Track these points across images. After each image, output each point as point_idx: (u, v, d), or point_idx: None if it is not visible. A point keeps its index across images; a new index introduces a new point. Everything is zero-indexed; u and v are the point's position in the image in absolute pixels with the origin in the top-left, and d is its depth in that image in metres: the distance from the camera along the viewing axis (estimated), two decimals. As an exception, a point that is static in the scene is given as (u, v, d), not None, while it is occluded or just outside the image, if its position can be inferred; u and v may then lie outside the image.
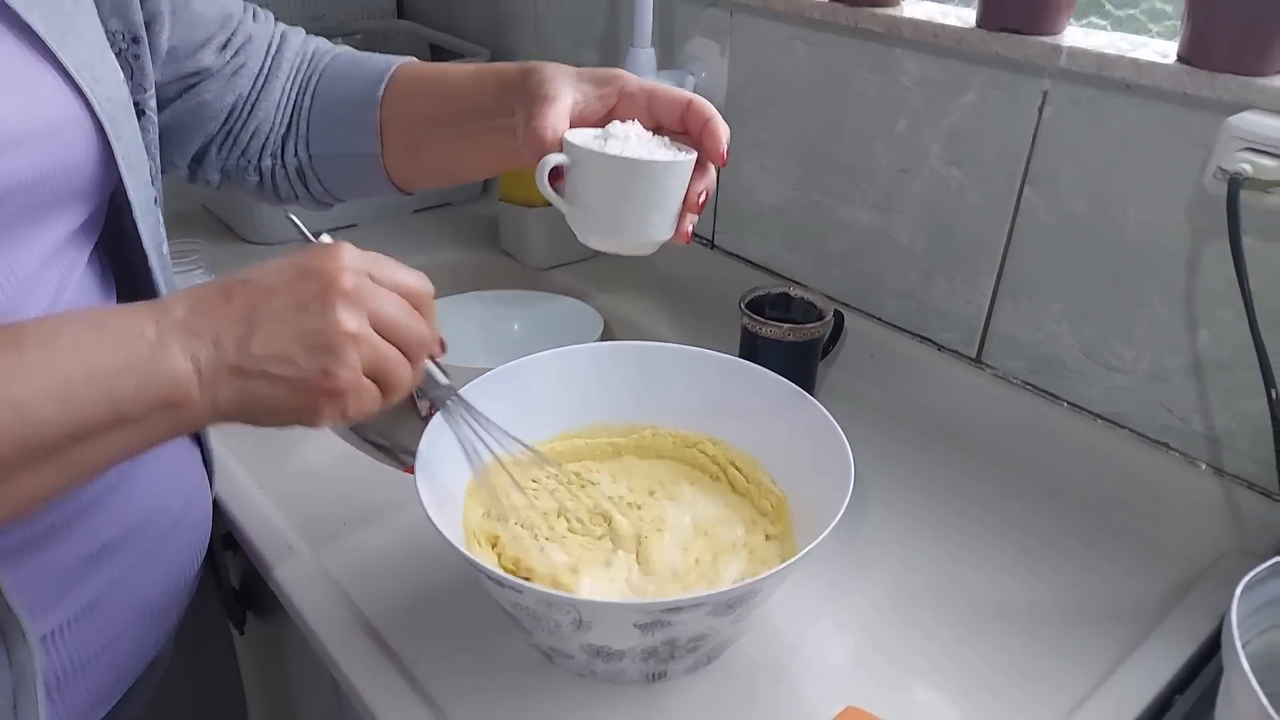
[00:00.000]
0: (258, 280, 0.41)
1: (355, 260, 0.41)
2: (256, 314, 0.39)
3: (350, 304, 0.40)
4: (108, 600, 0.52)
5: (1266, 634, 0.50)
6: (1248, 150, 0.58)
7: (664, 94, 0.53)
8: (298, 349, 0.39)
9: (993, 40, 0.70)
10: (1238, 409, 0.67)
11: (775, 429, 0.64)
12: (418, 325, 0.43)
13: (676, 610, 0.47)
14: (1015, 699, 0.56)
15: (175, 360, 0.38)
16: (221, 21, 0.60)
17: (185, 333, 0.39)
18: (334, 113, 0.63)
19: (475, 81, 0.59)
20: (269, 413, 0.40)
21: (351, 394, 0.40)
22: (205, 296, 0.40)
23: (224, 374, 0.39)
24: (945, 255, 0.81)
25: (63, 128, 0.44)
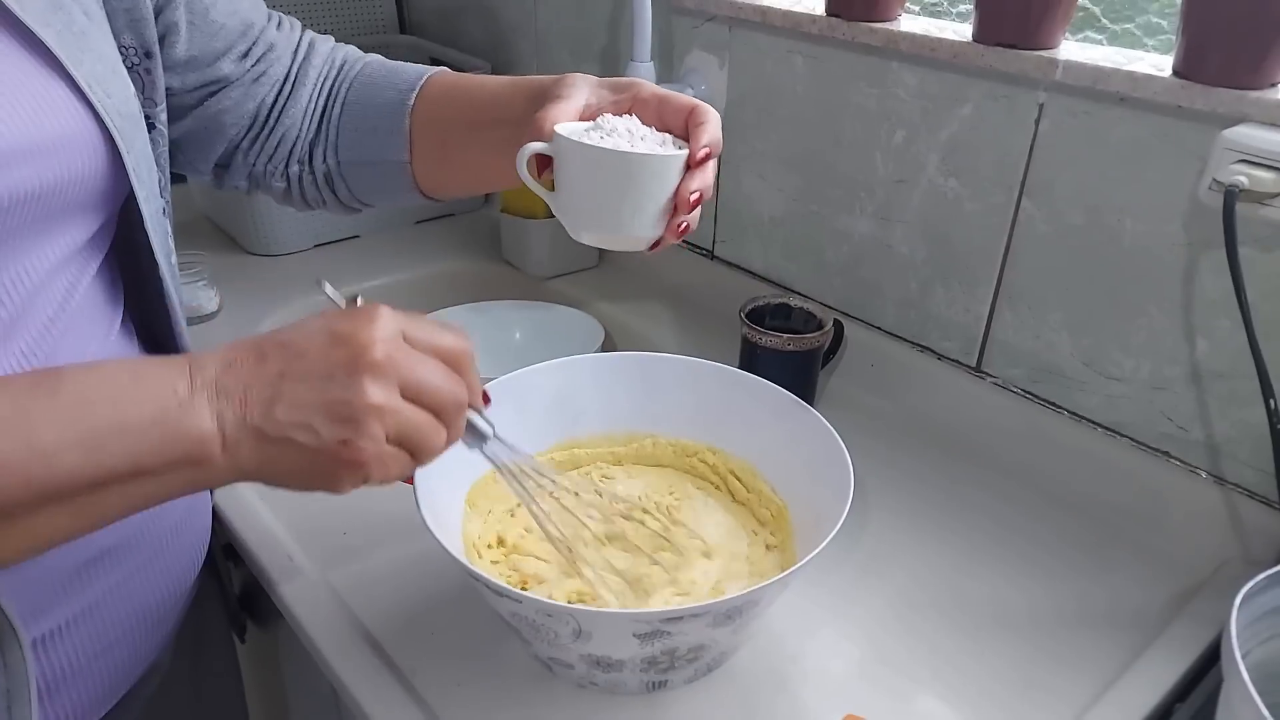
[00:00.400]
0: (292, 344, 0.41)
1: (389, 327, 0.41)
2: (285, 379, 0.40)
3: (378, 375, 0.40)
4: (103, 606, 0.52)
5: (1267, 643, 0.50)
6: (1242, 163, 0.59)
7: (674, 100, 0.53)
8: (320, 418, 0.39)
9: (989, 54, 0.70)
10: (1237, 417, 0.67)
11: (775, 438, 0.64)
12: (452, 387, 0.43)
13: (676, 620, 0.47)
14: (1017, 708, 0.56)
15: (202, 419, 0.39)
16: (242, 31, 0.60)
17: (215, 391, 0.39)
18: (364, 120, 0.63)
19: (509, 91, 0.59)
20: (287, 475, 0.41)
21: (374, 464, 0.40)
22: (238, 355, 0.41)
23: (247, 436, 0.39)
24: (944, 265, 0.81)
25: (73, 141, 0.45)
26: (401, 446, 0.41)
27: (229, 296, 1.00)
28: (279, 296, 1.01)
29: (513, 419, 0.65)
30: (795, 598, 0.63)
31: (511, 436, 0.66)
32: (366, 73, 0.64)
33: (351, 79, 0.64)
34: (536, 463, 0.54)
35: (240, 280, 1.04)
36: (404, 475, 0.43)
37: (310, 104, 0.63)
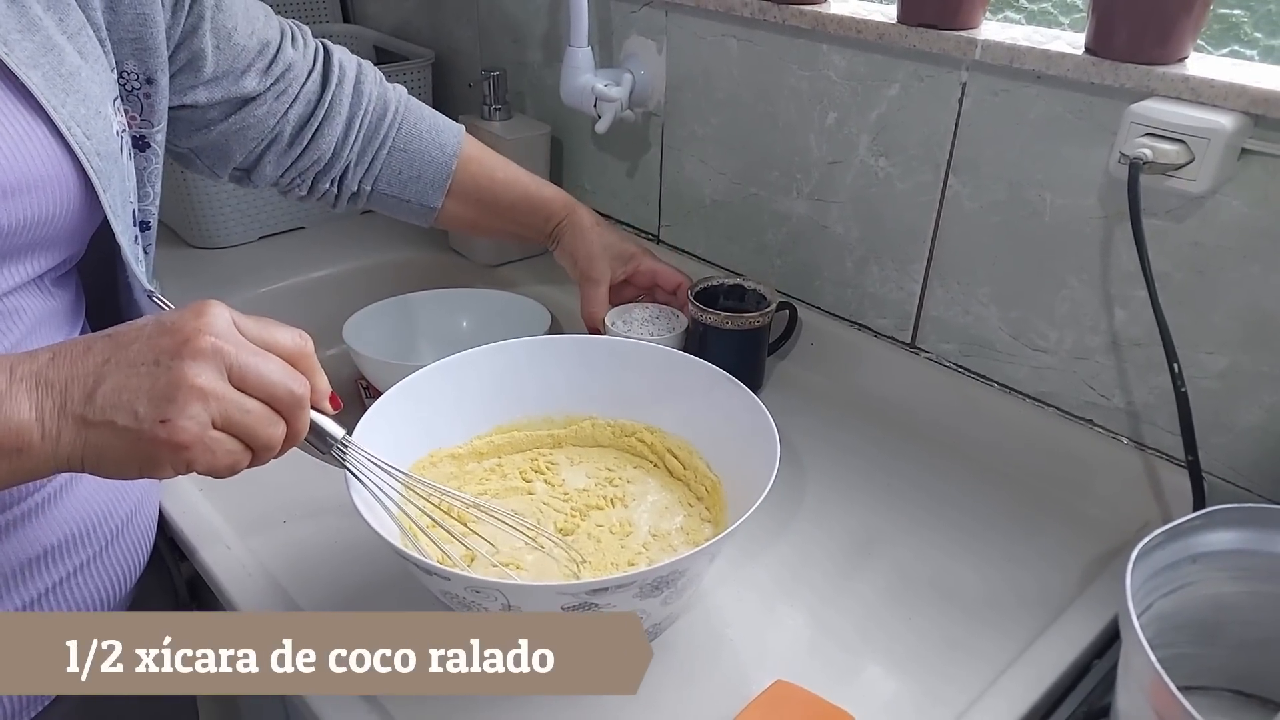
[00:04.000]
0: (118, 334, 0.42)
1: (219, 319, 0.42)
2: (108, 366, 0.41)
3: (203, 359, 0.41)
4: (44, 603, 0.52)
5: (1169, 596, 0.52)
6: (1148, 136, 0.61)
7: (664, 277, 0.85)
8: (141, 400, 0.40)
9: (912, 35, 0.72)
10: (1154, 384, 0.70)
11: (708, 416, 0.65)
12: (289, 381, 0.43)
13: (602, 591, 0.48)
14: (943, 669, 0.58)
15: (20, 409, 0.40)
16: (260, 49, 0.65)
17: (37, 383, 0.40)
18: (410, 167, 0.76)
19: (529, 204, 0.81)
20: (111, 462, 0.41)
21: (197, 446, 0.40)
22: (67, 348, 0.42)
23: (68, 423, 0.40)
24: (878, 243, 0.83)
25: (48, 182, 0.47)
26: (233, 435, 0.42)
27: (171, 291, 0.99)
28: (222, 290, 1.00)
29: (451, 404, 0.66)
30: (732, 570, 0.65)
31: (447, 421, 0.67)
32: (410, 121, 0.76)
33: (399, 124, 0.75)
34: (403, 472, 0.55)
35: (182, 274, 1.03)
36: (239, 466, 0.43)
37: (354, 137, 0.72)
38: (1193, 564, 0.52)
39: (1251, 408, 0.65)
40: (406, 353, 0.96)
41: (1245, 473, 0.66)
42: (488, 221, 0.81)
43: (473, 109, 1.12)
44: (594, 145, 1.08)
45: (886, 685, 0.57)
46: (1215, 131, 0.58)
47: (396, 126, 0.75)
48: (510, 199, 0.80)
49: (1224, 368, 0.65)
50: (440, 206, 0.78)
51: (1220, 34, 0.65)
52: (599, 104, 0.95)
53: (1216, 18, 0.65)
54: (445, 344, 0.96)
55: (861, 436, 0.80)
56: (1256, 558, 0.52)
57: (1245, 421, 0.65)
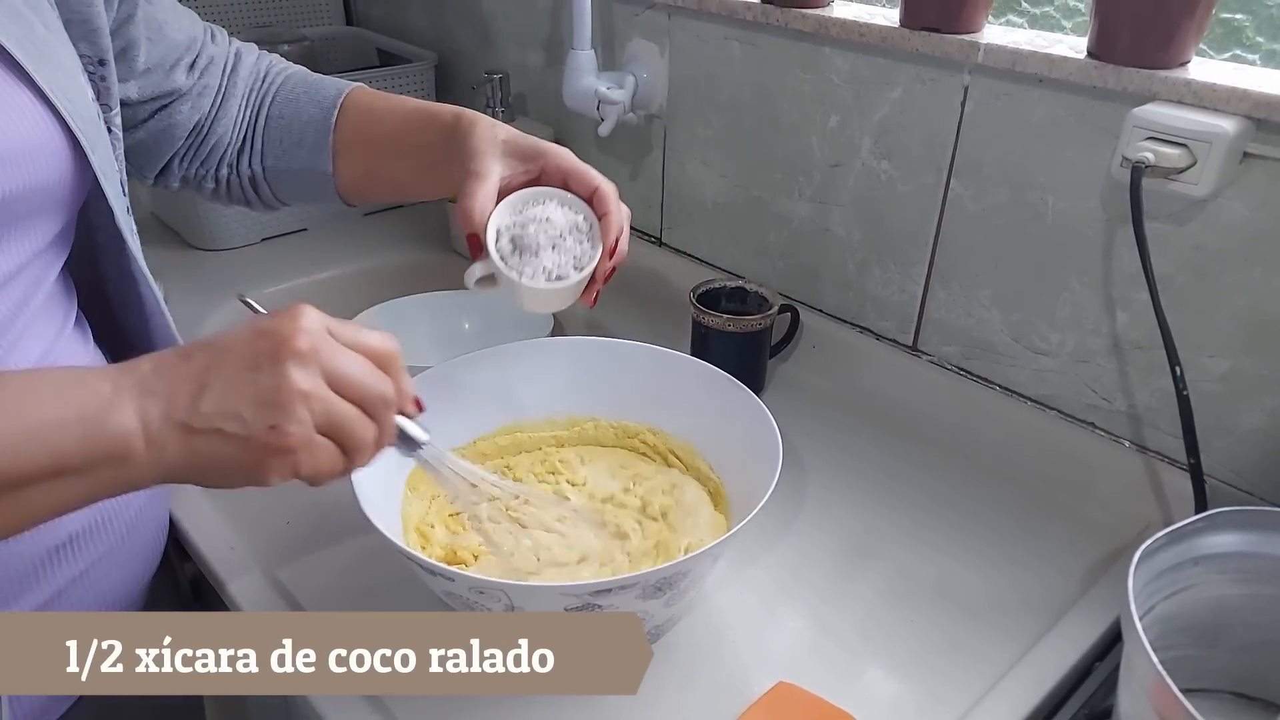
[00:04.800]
0: (216, 343, 0.42)
1: (314, 321, 0.42)
2: (211, 373, 0.40)
3: (303, 362, 0.40)
4: (70, 595, 0.53)
5: (1171, 598, 0.52)
6: (1151, 139, 0.61)
7: (578, 178, 0.60)
8: (247, 406, 0.39)
9: (914, 38, 0.72)
10: (1156, 386, 0.70)
11: (711, 417, 0.65)
12: (379, 383, 0.43)
13: (605, 593, 0.48)
14: (945, 671, 0.58)
15: (125, 416, 0.39)
16: (188, 44, 0.64)
17: (141, 391, 0.40)
18: (289, 133, 0.67)
19: (423, 120, 0.63)
20: (217, 471, 0.41)
21: (303, 451, 0.40)
22: (167, 357, 0.41)
23: (173, 431, 0.39)
24: (880, 246, 0.83)
25: (39, 148, 0.46)
26: (331, 439, 0.41)
27: (174, 292, 0.99)
28: (225, 291, 1.00)
29: (454, 405, 0.66)
30: (734, 572, 0.65)
31: (451, 423, 0.67)
32: (288, 87, 0.68)
33: (274, 92, 0.68)
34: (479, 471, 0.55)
35: (185, 276, 1.03)
36: (335, 471, 0.42)
37: (239, 114, 0.67)
38: (1195, 566, 0.52)
39: (1253, 411, 0.65)
40: (409, 355, 0.94)
41: (1247, 475, 0.66)
42: (384, 168, 0.66)
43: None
44: (597, 148, 1.08)
45: (888, 687, 0.57)
46: (1217, 135, 0.58)
47: (271, 96, 0.68)
48: (392, 126, 0.65)
49: (1226, 371, 0.65)
50: (333, 170, 0.66)
51: (1222, 38, 0.65)
52: (602, 107, 0.95)
53: (1219, 22, 0.65)
54: (448, 346, 0.96)
55: (863, 439, 0.80)
56: (1258, 560, 0.52)
57: (1247, 424, 0.65)
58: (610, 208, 0.58)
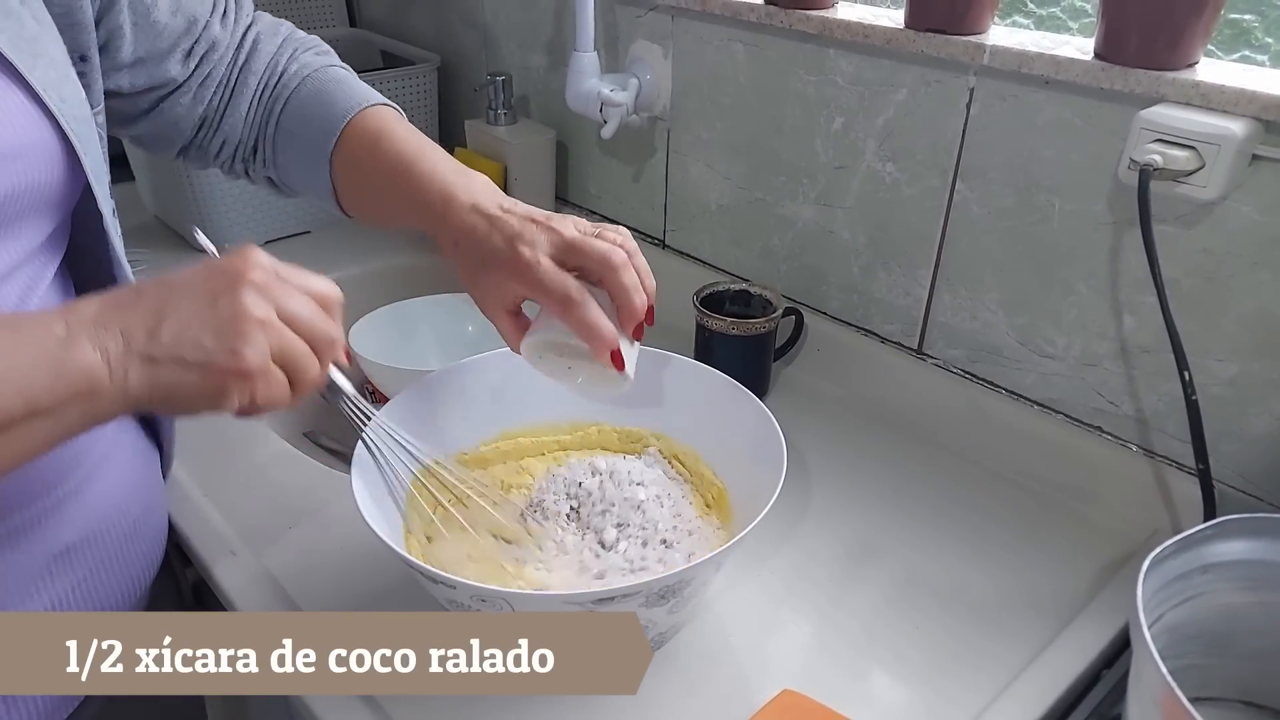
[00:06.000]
0: (169, 280, 0.43)
1: (264, 259, 0.43)
2: (167, 306, 0.41)
3: (258, 293, 0.42)
4: (69, 604, 0.53)
5: (1180, 607, 0.51)
6: (1158, 142, 0.60)
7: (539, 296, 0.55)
8: (207, 334, 0.41)
9: (920, 40, 0.72)
10: (1164, 391, 0.69)
11: (714, 422, 0.65)
12: (325, 323, 0.45)
13: (608, 600, 0.48)
14: (952, 678, 0.58)
15: (84, 352, 0.40)
16: (186, 28, 0.61)
17: (95, 327, 0.40)
18: (294, 150, 0.65)
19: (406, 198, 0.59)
20: (181, 398, 0.42)
21: (260, 376, 0.42)
22: (116, 295, 0.42)
23: (134, 362, 0.40)
24: (885, 249, 0.83)
25: (31, 149, 0.46)
26: (283, 368, 0.43)
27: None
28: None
29: (458, 409, 0.66)
30: (738, 577, 0.64)
31: (454, 428, 0.67)
32: (303, 93, 0.64)
33: (287, 98, 0.64)
34: (400, 433, 0.57)
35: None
36: (283, 402, 0.44)
37: (250, 112, 0.65)
38: (1204, 574, 0.51)
39: (1262, 415, 0.64)
40: (413, 358, 0.95)
41: (1256, 480, 0.66)
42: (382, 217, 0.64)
43: (478, 113, 1.13)
44: (600, 150, 1.08)
45: (894, 694, 0.57)
46: (1225, 138, 0.58)
47: (284, 102, 0.64)
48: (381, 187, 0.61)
49: (1234, 375, 0.65)
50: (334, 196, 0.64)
51: (1231, 39, 0.65)
52: (605, 109, 0.95)
53: (1227, 23, 0.64)
54: (452, 349, 0.96)
55: (868, 443, 0.80)
56: (1268, 568, 0.51)
57: (1256, 429, 0.65)
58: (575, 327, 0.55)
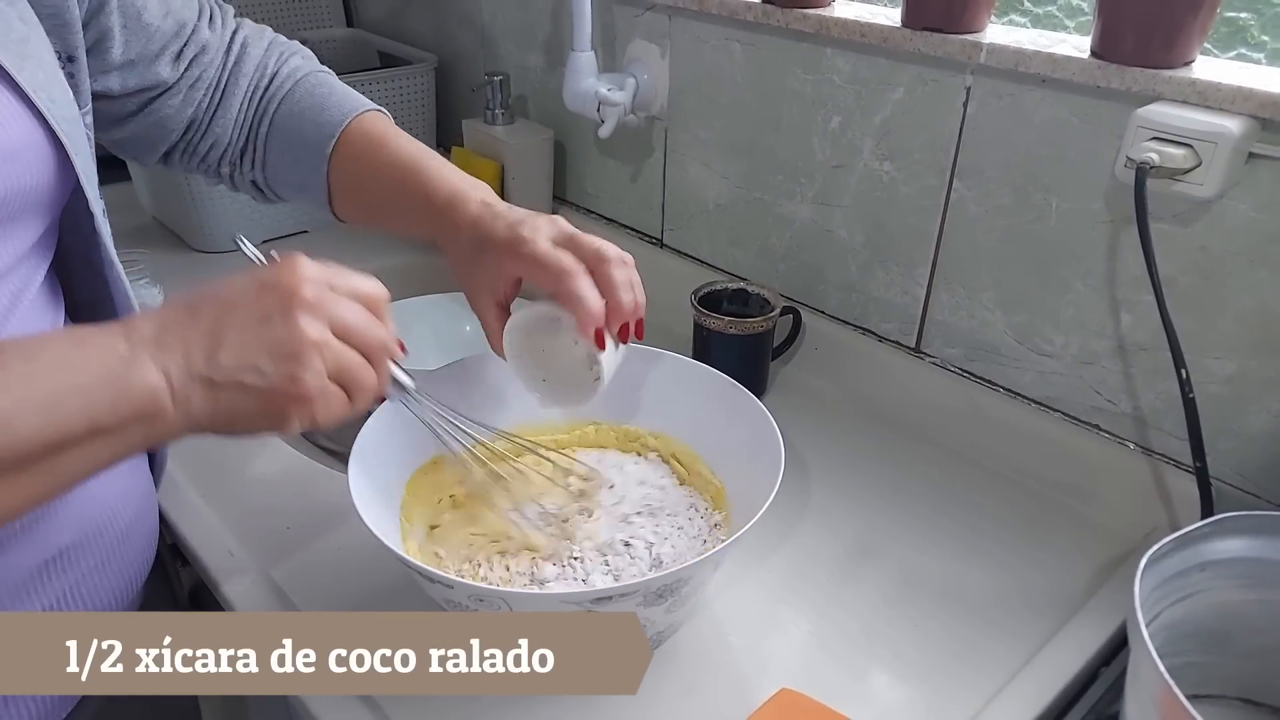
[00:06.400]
0: (222, 296, 0.42)
1: (313, 271, 0.43)
2: (222, 327, 0.41)
3: (312, 313, 0.42)
4: (65, 605, 0.53)
5: (1177, 605, 0.52)
6: (1155, 140, 0.60)
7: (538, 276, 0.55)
8: (264, 358, 0.41)
9: (916, 39, 0.72)
10: (1161, 389, 0.69)
11: (712, 421, 0.65)
12: (377, 329, 0.45)
13: (605, 600, 0.48)
14: (950, 676, 0.58)
15: (148, 373, 0.39)
16: (175, 31, 0.61)
17: (156, 347, 0.40)
18: (289, 151, 0.65)
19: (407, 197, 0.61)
20: (242, 420, 0.42)
21: (319, 399, 0.42)
22: (172, 313, 0.42)
23: (196, 385, 0.40)
24: (882, 248, 0.83)
25: (23, 151, 0.46)
26: (339, 385, 0.43)
27: (173, 294, 0.99)
28: (226, 293, 1.00)
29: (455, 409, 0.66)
30: (737, 576, 0.65)
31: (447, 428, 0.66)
32: (297, 95, 0.65)
33: (280, 99, 0.65)
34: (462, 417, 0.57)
35: (185, 278, 1.03)
36: (344, 416, 0.44)
37: (240, 114, 0.65)
38: (1201, 572, 0.51)
39: (1259, 413, 0.64)
40: (411, 358, 0.95)
41: (1253, 478, 0.66)
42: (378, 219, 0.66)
43: (476, 113, 1.13)
44: (597, 150, 1.08)
45: (892, 693, 0.57)
46: (1222, 135, 0.58)
47: (278, 102, 0.64)
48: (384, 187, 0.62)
49: (1231, 373, 0.65)
50: (328, 200, 0.65)
51: (1227, 37, 0.65)
52: (602, 108, 0.95)
53: (1223, 21, 0.64)
54: (449, 349, 0.96)
55: (866, 442, 0.80)
56: (1265, 566, 0.51)
57: (1253, 427, 0.65)
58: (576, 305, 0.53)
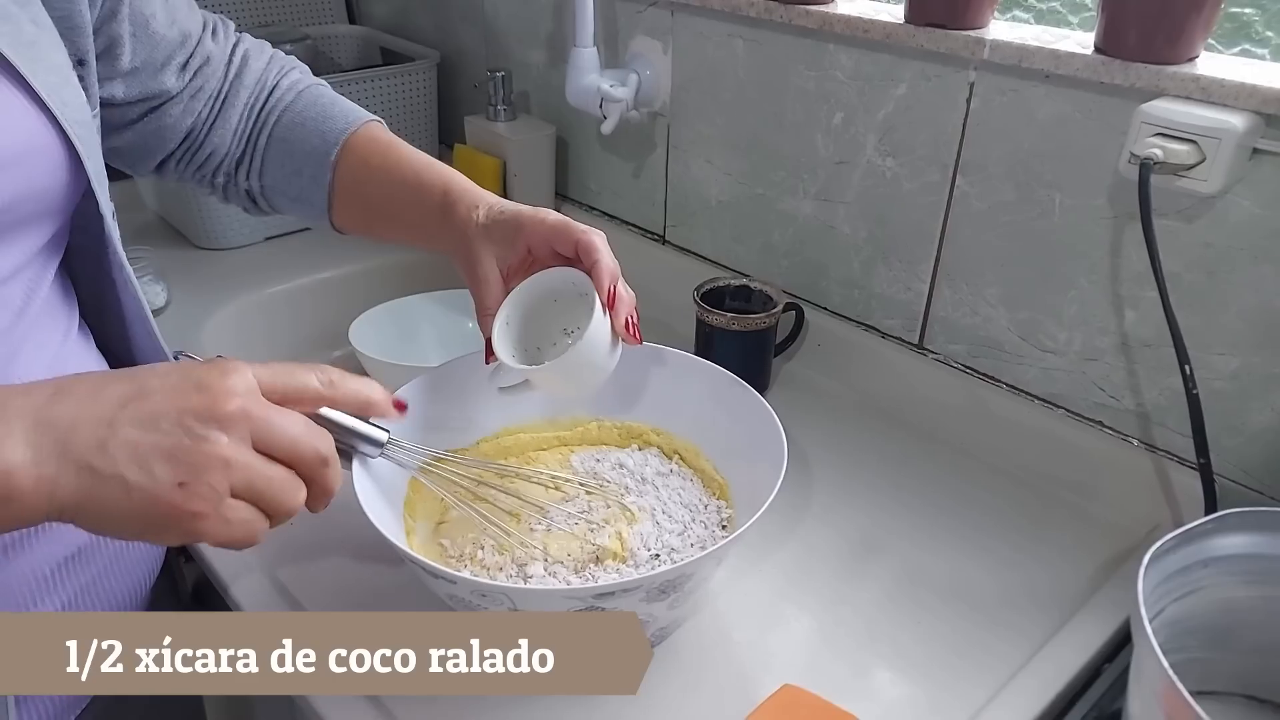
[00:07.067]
0: (140, 380, 0.39)
1: (245, 379, 0.40)
2: (126, 414, 0.37)
3: (230, 427, 0.38)
4: (79, 605, 0.53)
5: (1181, 600, 0.51)
6: (1159, 135, 0.60)
7: (561, 239, 0.57)
8: (159, 458, 0.37)
9: (919, 35, 0.71)
10: (1165, 385, 0.69)
11: (714, 417, 0.65)
12: (313, 440, 0.41)
13: (608, 595, 0.48)
14: (952, 673, 0.58)
15: (12, 450, 0.36)
16: (181, 41, 0.61)
17: (38, 420, 0.37)
18: (290, 160, 0.65)
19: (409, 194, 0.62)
20: (111, 519, 0.38)
21: (214, 518, 0.38)
22: (74, 385, 0.38)
23: (70, 469, 0.36)
24: (885, 244, 0.83)
25: (36, 153, 0.46)
26: (253, 503, 0.40)
27: (177, 291, 1.00)
28: (227, 290, 1.00)
29: (455, 407, 0.66)
30: (740, 573, 0.65)
31: (454, 424, 0.67)
32: (298, 107, 0.65)
33: (281, 111, 0.66)
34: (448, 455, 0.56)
35: (189, 275, 1.03)
36: (252, 536, 0.40)
37: (240, 124, 0.65)
38: (1205, 568, 0.51)
39: (1263, 409, 0.64)
40: (413, 354, 0.95)
41: (1257, 475, 0.66)
42: (380, 228, 0.67)
43: (478, 109, 1.12)
44: (599, 146, 1.08)
45: (895, 689, 0.57)
46: (1226, 131, 0.58)
47: (278, 114, 0.65)
48: (386, 191, 0.63)
49: (1235, 369, 0.65)
50: (328, 208, 0.65)
51: (1231, 33, 0.65)
52: (605, 104, 0.95)
53: (1227, 16, 0.64)
54: (451, 346, 0.96)
55: (869, 438, 0.80)
56: (1269, 562, 0.51)
57: (1257, 423, 0.65)
58: (596, 257, 0.56)
